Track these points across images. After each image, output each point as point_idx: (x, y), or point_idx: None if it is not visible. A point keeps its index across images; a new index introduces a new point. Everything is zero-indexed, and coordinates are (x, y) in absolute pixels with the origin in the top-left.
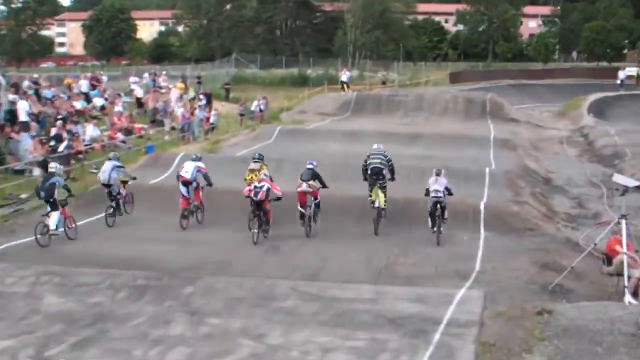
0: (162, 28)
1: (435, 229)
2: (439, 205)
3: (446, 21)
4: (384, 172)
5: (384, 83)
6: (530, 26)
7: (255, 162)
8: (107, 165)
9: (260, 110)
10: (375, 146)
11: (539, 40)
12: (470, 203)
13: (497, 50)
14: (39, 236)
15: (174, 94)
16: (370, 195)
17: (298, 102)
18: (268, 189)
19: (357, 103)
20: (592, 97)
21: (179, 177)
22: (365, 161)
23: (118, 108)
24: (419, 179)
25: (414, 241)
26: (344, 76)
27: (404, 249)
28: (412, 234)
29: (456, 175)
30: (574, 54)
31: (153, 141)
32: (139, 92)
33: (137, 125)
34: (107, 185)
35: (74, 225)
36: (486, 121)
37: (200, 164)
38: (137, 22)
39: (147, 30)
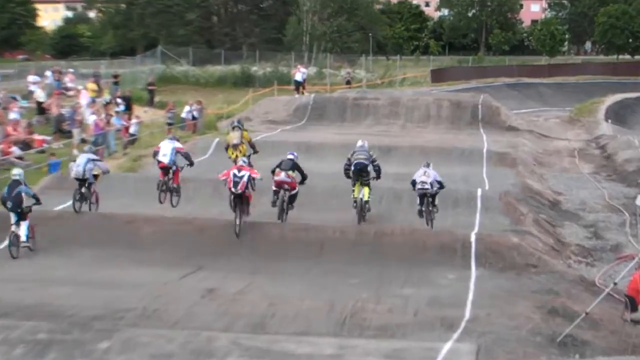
0: (69, 14)
1: (425, 219)
2: (426, 199)
3: (427, 4)
4: (369, 168)
5: (348, 83)
6: (533, 10)
7: (235, 129)
8: (82, 159)
9: (194, 118)
10: (359, 142)
11: (543, 28)
12: (459, 234)
13: (491, 41)
14: (12, 248)
15: (85, 98)
16: (353, 191)
17: (241, 107)
18: (249, 178)
19: (315, 108)
20: (611, 99)
21: (157, 162)
22: (349, 159)
23: (13, 115)
24: (393, 204)
25: (387, 281)
26: (299, 74)
27: (374, 291)
28: (385, 272)
29: (441, 199)
30: (588, 45)
31: (58, 157)
32: (39, 94)
33: (37, 137)
34: (82, 180)
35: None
36: (478, 130)
37: (178, 144)
38: (38, 6)
39: (50, 16)
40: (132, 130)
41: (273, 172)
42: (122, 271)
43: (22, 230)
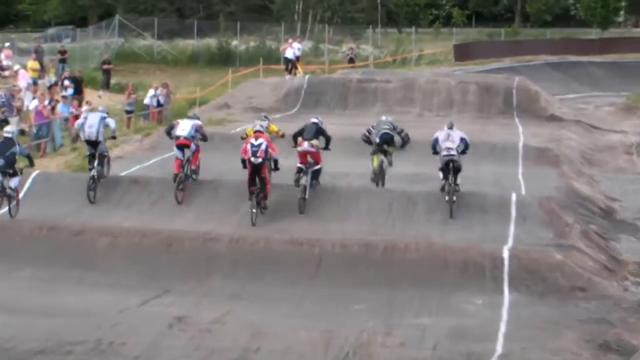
0: None
1: (447, 197)
2: (451, 165)
3: None
4: (395, 138)
5: (352, 61)
6: None
7: (262, 120)
8: (94, 118)
9: (159, 105)
10: (383, 117)
11: None
12: (488, 249)
13: (528, 9)
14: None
15: (24, 79)
16: (372, 160)
17: (218, 91)
18: (267, 148)
19: (310, 93)
20: None
21: (174, 138)
22: (371, 128)
23: None
24: (407, 211)
25: (399, 307)
26: (290, 51)
27: (383, 320)
28: (396, 297)
29: (465, 205)
30: None
31: None
32: None
33: None
34: (94, 143)
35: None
36: (512, 120)
37: (199, 122)
38: None
39: None
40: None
41: (295, 139)
42: (70, 295)
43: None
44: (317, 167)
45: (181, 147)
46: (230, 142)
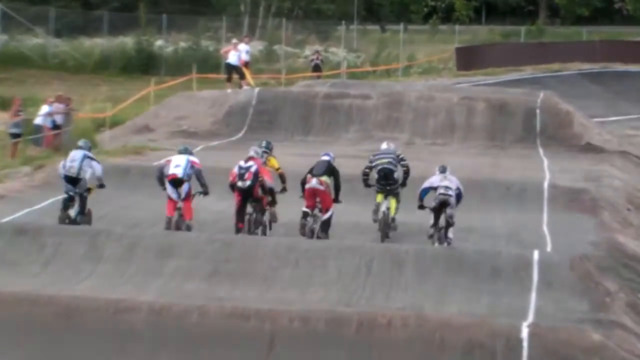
0: None
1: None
2: (444, 213)
3: None
4: (396, 175)
5: (317, 69)
6: None
7: (261, 151)
8: (77, 154)
9: (55, 127)
10: (384, 145)
11: None
12: (500, 327)
13: (558, 1)
14: None
15: None
16: (377, 199)
17: (136, 108)
18: (257, 171)
19: (260, 112)
20: None
21: (164, 177)
22: (371, 162)
23: None
24: (391, 274)
25: None
26: (235, 55)
27: None
28: None
29: (469, 267)
30: None
31: None
32: None
33: None
34: (74, 180)
35: None
36: (535, 151)
37: (194, 159)
38: None
39: None
40: None
41: (303, 184)
42: None
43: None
44: (327, 215)
45: (174, 183)
46: (152, 179)
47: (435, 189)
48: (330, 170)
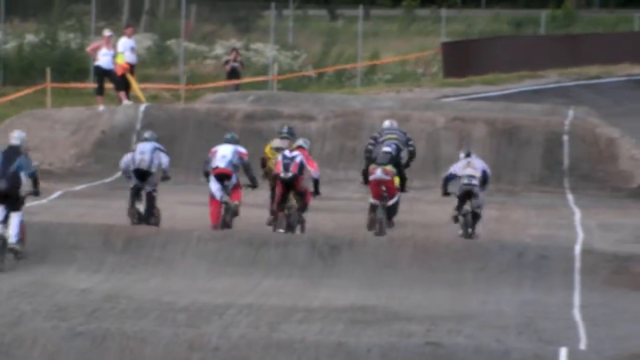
0: None
1: (461, 230)
2: (469, 200)
3: None
4: (402, 154)
5: (234, 74)
6: None
7: (283, 138)
8: (147, 146)
9: None
10: (387, 123)
11: None
12: None
13: None
14: None
15: None
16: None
17: None
18: (302, 163)
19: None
20: None
21: (209, 170)
22: (375, 139)
23: None
24: None
25: None
26: (107, 55)
27: None
28: None
29: None
30: None
31: None
32: None
33: None
34: (143, 175)
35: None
36: (562, 197)
37: (241, 149)
38: None
39: None
40: None
41: (365, 174)
42: None
43: (14, 227)
44: (393, 200)
45: (220, 177)
46: None
47: (459, 177)
48: (393, 159)
